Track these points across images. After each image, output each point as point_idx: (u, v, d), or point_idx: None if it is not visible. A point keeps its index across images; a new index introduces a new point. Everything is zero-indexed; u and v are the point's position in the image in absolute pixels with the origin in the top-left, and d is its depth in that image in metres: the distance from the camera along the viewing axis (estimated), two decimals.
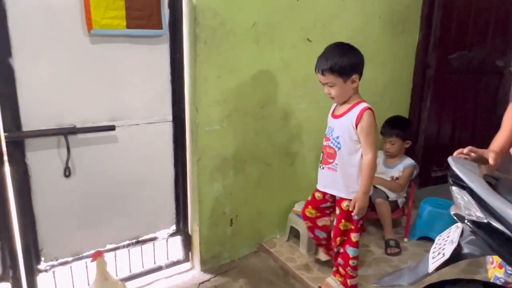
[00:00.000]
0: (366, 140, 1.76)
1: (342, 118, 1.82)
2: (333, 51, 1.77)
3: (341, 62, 1.71)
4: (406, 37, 2.86)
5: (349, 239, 1.90)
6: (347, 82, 1.75)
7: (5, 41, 1.56)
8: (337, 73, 1.73)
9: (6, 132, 1.62)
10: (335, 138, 1.84)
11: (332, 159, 1.86)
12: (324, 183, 1.94)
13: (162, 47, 1.93)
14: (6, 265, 1.74)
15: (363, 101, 1.82)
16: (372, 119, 1.77)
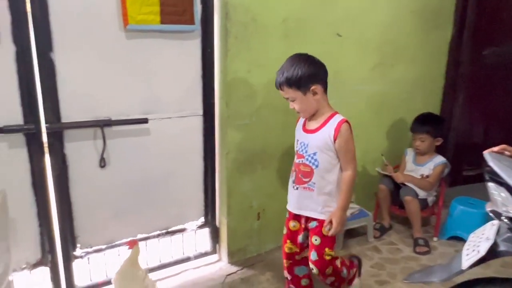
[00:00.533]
0: (346, 156, 1.65)
1: (318, 133, 1.67)
2: (288, 63, 1.64)
3: (296, 73, 1.59)
4: (438, 32, 2.80)
5: (335, 268, 1.74)
6: (307, 95, 1.62)
7: (47, 36, 1.63)
8: (294, 86, 1.61)
9: (47, 124, 1.69)
10: (311, 155, 1.68)
11: (308, 177, 1.69)
12: (299, 205, 1.76)
13: (194, 42, 1.97)
14: (45, 250, 1.82)
15: (336, 112, 1.69)
16: (350, 133, 1.65)
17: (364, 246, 2.43)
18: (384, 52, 2.54)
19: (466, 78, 2.95)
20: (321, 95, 1.65)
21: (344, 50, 2.35)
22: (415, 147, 2.56)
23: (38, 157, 1.71)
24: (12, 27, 1.56)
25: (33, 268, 1.81)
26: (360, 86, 2.50)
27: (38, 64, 1.64)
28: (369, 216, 2.48)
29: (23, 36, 1.58)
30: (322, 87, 1.65)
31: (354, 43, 2.39)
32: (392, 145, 2.80)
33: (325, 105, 1.69)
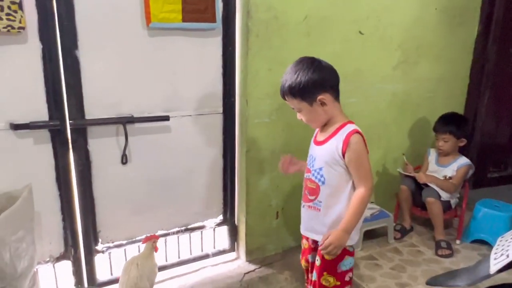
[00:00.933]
0: (358, 172, 1.40)
1: (325, 145, 1.45)
2: (291, 69, 1.42)
3: (298, 82, 1.37)
4: (464, 29, 2.73)
5: None
6: (314, 105, 1.40)
7: (73, 34, 1.65)
8: (299, 97, 1.40)
9: (71, 120, 1.72)
10: (317, 170, 1.47)
11: (314, 195, 1.49)
12: (305, 225, 1.58)
13: (215, 40, 1.97)
14: (68, 244, 1.86)
15: (349, 122, 1.44)
16: (361, 145, 1.40)
17: (384, 247, 2.39)
18: (407, 50, 2.49)
19: (492, 76, 2.87)
20: (331, 104, 1.42)
21: (366, 48, 2.31)
22: (438, 147, 2.50)
23: (62, 153, 1.75)
24: (39, 26, 1.59)
25: (56, 262, 1.85)
26: (382, 84, 2.46)
27: (63, 62, 1.66)
28: (389, 217, 2.44)
29: (49, 35, 1.61)
30: (331, 95, 1.42)
31: (377, 41, 2.35)
32: (414, 145, 2.75)
33: (337, 114, 1.45)
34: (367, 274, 2.11)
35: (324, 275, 1.51)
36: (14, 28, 1.50)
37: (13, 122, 1.62)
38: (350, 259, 1.51)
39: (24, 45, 1.58)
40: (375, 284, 2.04)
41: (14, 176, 1.66)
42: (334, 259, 1.48)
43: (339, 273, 1.50)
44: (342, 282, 1.51)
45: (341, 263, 1.50)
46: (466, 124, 2.51)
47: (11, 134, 1.64)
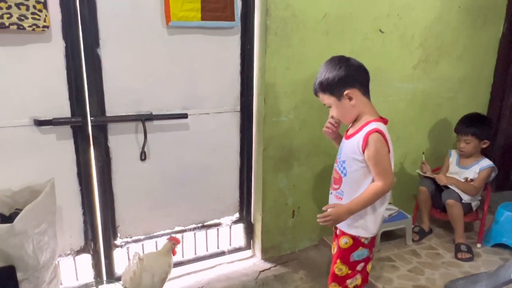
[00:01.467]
0: (375, 169, 1.45)
1: (350, 140, 1.53)
2: (322, 67, 1.54)
3: (327, 78, 1.48)
4: (488, 29, 2.66)
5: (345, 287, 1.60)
6: (342, 100, 1.49)
7: (94, 33, 1.69)
8: (328, 92, 1.50)
9: (92, 117, 1.76)
10: (341, 162, 1.56)
11: (338, 185, 1.58)
12: None
13: (233, 38, 1.98)
14: (88, 238, 1.90)
15: (375, 120, 1.49)
16: (380, 144, 1.44)
17: (402, 249, 2.35)
18: (429, 48, 2.45)
19: None
20: (358, 99, 1.49)
21: (386, 47, 2.28)
22: (460, 148, 2.44)
23: (84, 149, 1.79)
24: (63, 24, 1.63)
25: (76, 255, 1.90)
26: (402, 83, 2.42)
27: (85, 60, 1.70)
28: (408, 218, 2.40)
29: (72, 33, 1.65)
30: (359, 90, 1.49)
31: (397, 40, 2.31)
32: (434, 146, 2.70)
33: (366, 110, 1.52)
34: (384, 276, 2.08)
35: (338, 263, 1.60)
36: (38, 27, 1.54)
37: (37, 118, 1.67)
38: (363, 250, 1.57)
39: (48, 43, 1.63)
40: (392, 285, 2.01)
41: (37, 171, 1.71)
42: (348, 248, 1.56)
43: (351, 262, 1.58)
44: (353, 271, 1.59)
45: (354, 253, 1.57)
46: (489, 125, 2.45)
47: (35, 130, 1.69)
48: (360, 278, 1.62)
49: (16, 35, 1.56)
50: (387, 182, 1.46)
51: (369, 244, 1.58)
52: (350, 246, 1.56)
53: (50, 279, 1.59)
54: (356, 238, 1.56)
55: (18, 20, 1.49)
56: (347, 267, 1.58)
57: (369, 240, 1.57)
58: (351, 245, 1.56)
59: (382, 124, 1.50)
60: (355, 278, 1.61)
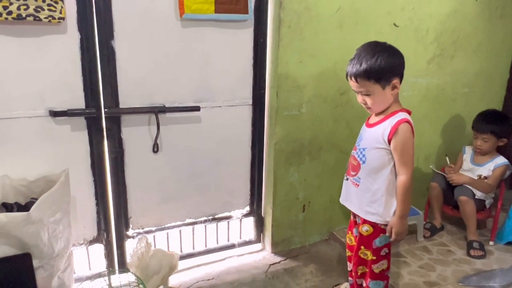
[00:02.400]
0: (401, 158, 1.48)
1: (374, 128, 1.54)
2: (366, 52, 1.46)
3: (378, 64, 1.42)
4: (505, 22, 2.60)
5: (370, 271, 1.65)
6: (386, 89, 1.46)
7: (109, 25, 1.70)
8: (374, 79, 1.44)
9: (106, 108, 1.78)
10: (361, 150, 1.58)
11: (355, 172, 1.60)
12: (345, 196, 1.70)
13: (246, 31, 1.98)
14: (101, 228, 1.93)
15: (402, 110, 1.52)
16: (409, 134, 1.47)
17: (413, 246, 2.34)
18: (444, 43, 2.41)
19: None
20: (399, 89, 1.50)
21: (400, 41, 2.25)
22: (476, 146, 2.40)
23: (98, 140, 1.81)
24: (78, 16, 1.64)
25: (89, 245, 1.93)
26: (415, 78, 2.39)
27: (99, 52, 1.71)
28: (419, 214, 2.38)
29: (87, 25, 1.66)
30: (400, 80, 1.49)
31: (412, 33, 2.28)
32: (447, 142, 2.66)
33: (396, 101, 1.54)
34: (394, 271, 2.07)
35: (362, 249, 1.65)
36: (54, 19, 1.55)
37: (52, 109, 1.69)
38: (384, 236, 1.61)
39: (64, 35, 1.64)
40: (403, 281, 2.00)
41: (52, 161, 1.74)
42: (370, 235, 1.61)
43: (374, 249, 1.62)
44: (378, 257, 1.63)
45: (376, 239, 1.61)
46: (508, 123, 2.38)
47: (50, 121, 1.71)
48: (386, 263, 1.66)
49: (32, 26, 1.58)
50: (409, 173, 1.49)
51: None
52: (371, 233, 1.61)
53: (65, 268, 1.62)
54: (375, 225, 1.59)
55: (34, 11, 1.50)
56: (371, 252, 1.63)
57: None
58: (372, 232, 1.61)
59: (409, 115, 1.52)
60: (380, 263, 1.64)
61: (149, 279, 1.74)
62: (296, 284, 2.01)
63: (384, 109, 1.53)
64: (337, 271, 2.11)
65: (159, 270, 1.75)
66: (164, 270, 1.77)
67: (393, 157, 1.51)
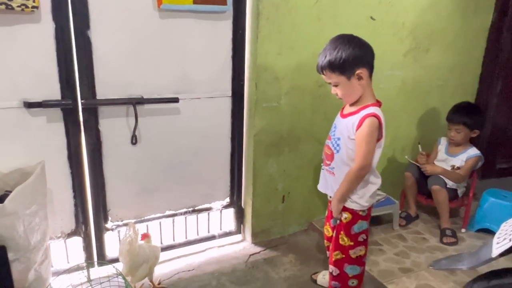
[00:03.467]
0: (358, 150, 1.53)
1: (346, 119, 1.59)
2: (331, 45, 1.51)
3: (340, 56, 1.46)
4: (478, 17, 2.68)
5: (347, 257, 1.69)
6: (352, 80, 1.50)
7: (85, 14, 1.67)
8: (338, 70, 1.49)
9: (83, 100, 1.76)
10: (335, 139, 1.63)
11: (330, 161, 1.65)
12: (323, 184, 1.75)
13: (225, 23, 1.98)
14: (79, 221, 1.91)
15: (373, 104, 1.55)
16: (372, 129, 1.50)
17: (389, 234, 2.41)
18: (419, 36, 2.47)
19: (505, 66, 2.82)
20: (366, 80, 1.53)
21: (377, 34, 2.29)
22: (450, 137, 2.48)
23: (74, 132, 1.78)
24: (52, 5, 1.61)
25: (67, 238, 1.91)
26: (392, 71, 2.45)
27: (75, 42, 1.69)
28: (395, 204, 2.45)
29: (62, 14, 1.63)
30: (368, 71, 1.52)
31: (388, 27, 2.33)
32: (423, 134, 2.74)
33: (368, 93, 1.56)
34: (371, 259, 2.13)
35: (341, 235, 1.69)
36: (28, 7, 1.52)
37: (27, 101, 1.66)
38: (362, 222, 1.66)
39: (38, 24, 1.61)
40: (378, 268, 2.06)
41: (28, 153, 1.71)
42: (349, 222, 1.66)
43: (352, 235, 1.67)
44: (355, 242, 1.68)
45: (354, 226, 1.66)
46: (480, 115, 2.47)
47: (24, 112, 1.68)
48: (364, 249, 1.71)
49: (4, 15, 1.54)
50: (360, 165, 1.53)
51: (366, 216, 1.67)
52: (350, 220, 1.66)
53: (41, 261, 1.60)
54: (354, 212, 1.64)
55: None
56: (349, 238, 1.67)
57: (366, 212, 1.66)
58: (351, 219, 1.65)
59: (379, 109, 1.56)
60: (358, 249, 1.69)
61: (139, 267, 1.73)
62: (276, 273, 2.04)
63: (356, 99, 1.57)
64: (316, 260, 2.16)
65: (147, 259, 1.75)
66: (151, 259, 1.78)
67: None
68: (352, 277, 1.72)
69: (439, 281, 1.95)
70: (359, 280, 1.75)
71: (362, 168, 1.54)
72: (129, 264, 1.70)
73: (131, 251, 1.68)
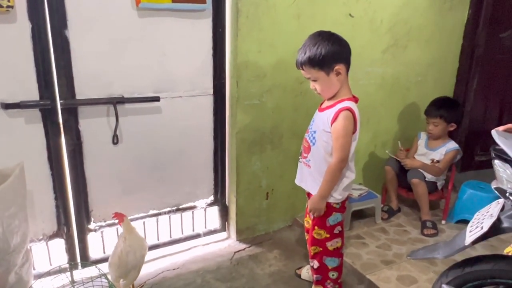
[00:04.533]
0: (335, 143, 1.56)
1: (323, 113, 1.63)
2: (310, 41, 1.55)
3: (319, 52, 1.50)
4: (454, 13, 2.75)
5: (324, 249, 1.73)
6: (330, 75, 1.54)
7: (62, 13, 1.66)
8: (317, 66, 1.52)
9: (62, 100, 1.74)
10: (312, 132, 1.67)
11: (306, 153, 1.69)
12: (300, 177, 1.78)
13: (205, 21, 1.98)
14: (61, 223, 1.89)
15: (348, 98, 1.59)
16: (347, 122, 1.54)
17: (371, 228, 2.45)
18: (397, 33, 2.51)
19: (481, 61, 2.90)
20: (344, 75, 1.57)
21: (356, 31, 2.33)
22: (428, 131, 2.53)
23: (54, 132, 1.77)
24: (28, 4, 1.59)
25: (49, 240, 1.89)
26: (371, 68, 2.49)
27: (52, 42, 1.67)
28: (377, 198, 2.49)
29: (38, 14, 1.62)
30: (345, 66, 1.56)
31: (366, 24, 2.37)
32: (403, 129, 2.79)
33: (345, 87, 1.60)
34: (353, 252, 2.17)
35: (316, 229, 1.72)
36: (2, 7, 1.50)
37: (4, 102, 1.64)
38: (337, 215, 1.70)
39: (13, 24, 1.59)
40: (361, 261, 2.10)
41: (6, 155, 1.68)
42: (323, 215, 1.68)
43: (328, 227, 1.70)
44: (331, 235, 1.71)
45: (329, 218, 1.69)
46: (457, 109, 2.53)
47: (2, 113, 1.65)
48: (340, 241, 1.74)
49: None
50: (339, 158, 1.56)
51: (340, 208, 1.70)
52: (324, 213, 1.67)
53: (22, 263, 1.58)
54: (328, 204, 1.66)
55: None
56: (324, 231, 1.70)
57: (340, 205, 1.69)
58: (325, 211, 1.67)
59: (354, 103, 1.60)
60: (334, 241, 1.72)
61: (128, 275, 1.72)
62: (261, 269, 2.06)
63: (334, 94, 1.61)
64: (300, 255, 2.18)
65: (136, 265, 1.74)
66: (140, 262, 1.76)
67: None
68: (332, 269, 1.76)
69: (419, 271, 2.00)
70: (338, 272, 1.79)
71: (341, 160, 1.57)
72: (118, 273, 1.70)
73: (121, 263, 1.68)
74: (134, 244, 1.74)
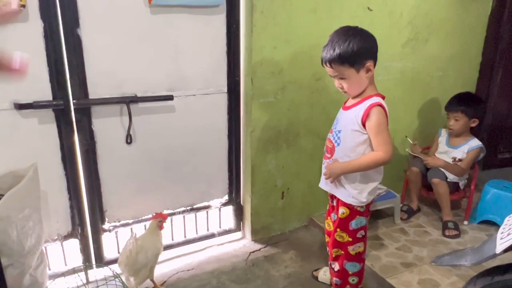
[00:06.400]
0: (376, 139, 1.50)
1: (349, 111, 1.56)
2: (339, 37, 1.46)
3: (351, 48, 1.43)
4: (477, 5, 2.63)
5: (346, 253, 1.67)
6: (360, 72, 1.48)
7: (74, 12, 1.63)
8: (348, 63, 1.45)
9: (75, 100, 1.72)
10: (336, 132, 1.60)
11: (330, 154, 1.62)
12: (324, 180, 1.69)
13: (219, 17, 1.93)
14: (75, 223, 1.88)
15: (376, 94, 1.53)
16: (381, 116, 1.48)
17: (390, 228, 2.38)
18: (418, 26, 2.42)
19: (505, 55, 2.78)
20: (373, 72, 1.51)
21: (375, 25, 2.24)
22: (449, 126, 2.44)
23: (67, 132, 1.75)
24: (40, 3, 1.57)
25: (64, 240, 1.88)
26: (390, 62, 2.40)
27: (65, 41, 1.65)
28: (396, 197, 2.41)
29: (50, 13, 1.59)
30: (374, 63, 1.50)
31: (386, 17, 2.28)
32: (423, 126, 2.70)
33: (372, 84, 1.55)
34: (372, 254, 2.10)
35: (338, 231, 1.66)
36: None
37: (17, 102, 1.62)
38: (361, 218, 1.64)
39: (25, 23, 1.57)
40: (380, 263, 2.03)
41: (20, 156, 1.67)
42: (346, 217, 1.62)
43: (351, 230, 1.64)
44: (354, 239, 1.65)
45: (353, 221, 1.63)
46: (479, 104, 2.43)
47: (15, 114, 1.64)
48: (362, 246, 1.68)
49: None
50: (387, 151, 1.49)
51: (365, 212, 1.64)
52: (347, 215, 1.62)
53: (37, 265, 1.58)
54: (351, 207, 1.61)
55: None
56: (347, 234, 1.65)
57: (364, 208, 1.62)
58: (348, 214, 1.62)
59: (383, 100, 1.54)
60: (357, 246, 1.67)
61: (138, 273, 1.72)
62: (276, 271, 2.02)
63: (360, 92, 1.54)
64: (317, 256, 2.13)
65: (146, 264, 1.73)
66: (151, 261, 1.75)
67: (368, 140, 1.52)
68: (353, 274, 1.70)
69: (442, 275, 1.92)
70: (359, 278, 1.72)
71: (390, 153, 1.49)
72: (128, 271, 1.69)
73: (129, 262, 1.67)
74: (147, 243, 1.72)
